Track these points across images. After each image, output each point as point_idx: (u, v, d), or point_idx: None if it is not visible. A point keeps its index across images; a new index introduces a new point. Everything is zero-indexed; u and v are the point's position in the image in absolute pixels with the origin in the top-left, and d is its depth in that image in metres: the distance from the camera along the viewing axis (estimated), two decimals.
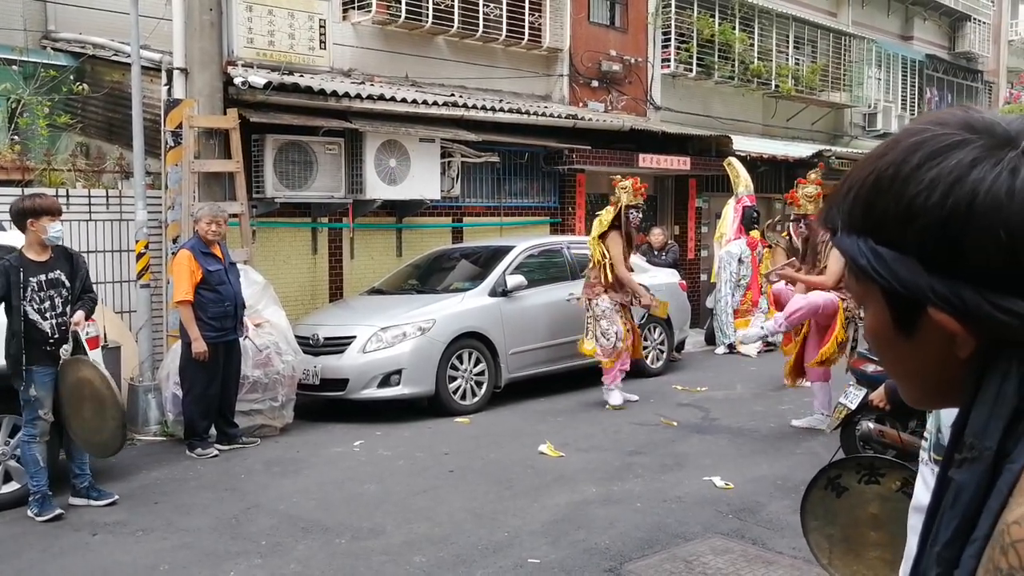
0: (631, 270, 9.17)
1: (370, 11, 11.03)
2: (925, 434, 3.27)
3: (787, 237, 9.54)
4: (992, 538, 0.80)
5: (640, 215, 9.25)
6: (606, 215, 8.96)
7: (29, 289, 5.74)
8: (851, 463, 3.59)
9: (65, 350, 5.79)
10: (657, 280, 10.86)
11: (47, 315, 5.79)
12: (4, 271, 5.69)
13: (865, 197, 0.88)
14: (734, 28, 15.89)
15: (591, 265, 9.08)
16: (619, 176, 9.22)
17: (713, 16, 15.57)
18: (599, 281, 8.88)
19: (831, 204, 0.94)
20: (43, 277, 5.79)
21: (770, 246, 11.36)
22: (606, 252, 8.83)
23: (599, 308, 8.85)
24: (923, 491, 2.45)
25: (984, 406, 0.85)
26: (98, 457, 6.09)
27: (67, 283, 5.89)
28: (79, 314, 5.84)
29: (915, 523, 1.97)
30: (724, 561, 4.95)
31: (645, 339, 10.68)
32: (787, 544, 5.14)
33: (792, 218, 8.23)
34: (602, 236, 8.89)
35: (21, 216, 5.78)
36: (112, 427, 5.74)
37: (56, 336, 5.81)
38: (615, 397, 8.90)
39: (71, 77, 9.11)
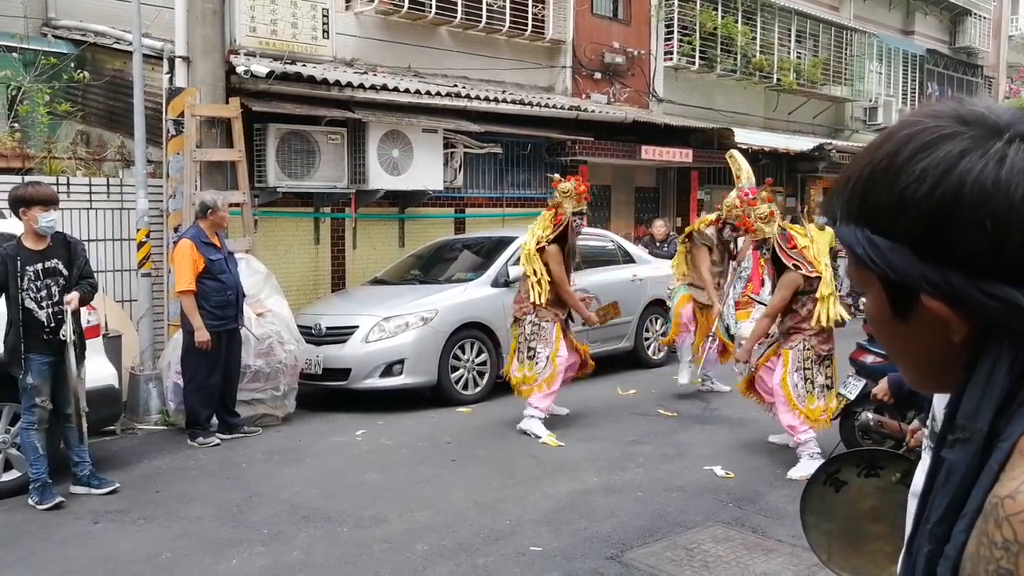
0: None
1: (373, 1, 11.00)
2: (928, 422, 3.28)
3: (713, 235, 8.87)
4: (984, 512, 0.82)
5: (584, 221, 7.98)
6: (544, 226, 7.66)
7: (26, 278, 5.72)
8: (851, 457, 3.58)
9: (64, 331, 5.78)
10: (659, 272, 10.87)
11: (43, 304, 5.78)
12: (1, 260, 5.68)
13: (861, 188, 0.91)
14: (736, 21, 15.88)
15: (523, 279, 7.82)
16: (557, 176, 8.00)
17: (716, 9, 15.55)
18: (527, 298, 7.57)
19: (832, 195, 0.97)
20: (40, 266, 5.77)
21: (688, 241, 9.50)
22: (541, 270, 7.51)
23: (528, 328, 7.58)
24: (922, 476, 2.44)
25: (976, 389, 0.88)
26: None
27: (65, 271, 5.87)
28: (73, 294, 5.80)
29: (914, 508, 1.98)
30: (724, 549, 4.96)
31: (646, 330, 10.69)
32: (787, 532, 5.15)
33: (759, 245, 6.85)
34: (540, 250, 7.58)
35: (15, 204, 5.77)
36: (75, 414, 5.75)
37: (53, 325, 5.79)
38: (536, 426, 7.50)
39: (72, 65, 9.08)
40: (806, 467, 6.08)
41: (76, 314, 5.85)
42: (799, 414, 6.40)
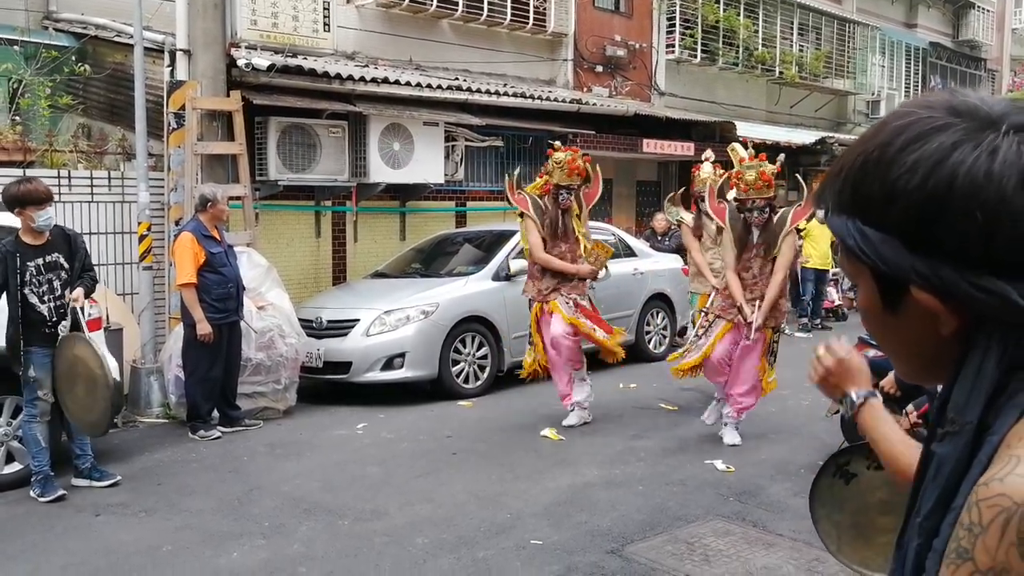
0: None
1: None
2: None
3: (693, 213, 8.87)
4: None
5: (571, 197, 7.55)
6: (532, 188, 7.69)
7: (28, 274, 5.71)
8: (861, 449, 3.58)
9: (64, 327, 5.77)
10: (660, 265, 10.87)
11: (45, 298, 5.78)
12: (2, 258, 5.67)
13: (853, 179, 0.91)
14: (739, 14, 15.84)
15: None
16: (557, 144, 7.88)
17: (718, 2, 15.51)
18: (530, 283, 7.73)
19: (824, 185, 0.96)
20: (41, 261, 5.77)
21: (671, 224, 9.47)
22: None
23: (530, 317, 7.76)
24: None
25: (966, 382, 0.88)
26: (89, 436, 6.06)
27: (66, 265, 5.87)
28: (78, 291, 5.81)
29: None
30: (725, 543, 4.97)
31: (647, 324, 10.68)
32: (788, 526, 5.15)
33: (763, 206, 6.79)
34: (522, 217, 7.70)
35: (9, 204, 5.75)
36: (102, 407, 5.70)
37: (55, 319, 5.79)
38: (575, 416, 7.66)
39: (73, 58, 9.07)
40: (734, 436, 7.07)
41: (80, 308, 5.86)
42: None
